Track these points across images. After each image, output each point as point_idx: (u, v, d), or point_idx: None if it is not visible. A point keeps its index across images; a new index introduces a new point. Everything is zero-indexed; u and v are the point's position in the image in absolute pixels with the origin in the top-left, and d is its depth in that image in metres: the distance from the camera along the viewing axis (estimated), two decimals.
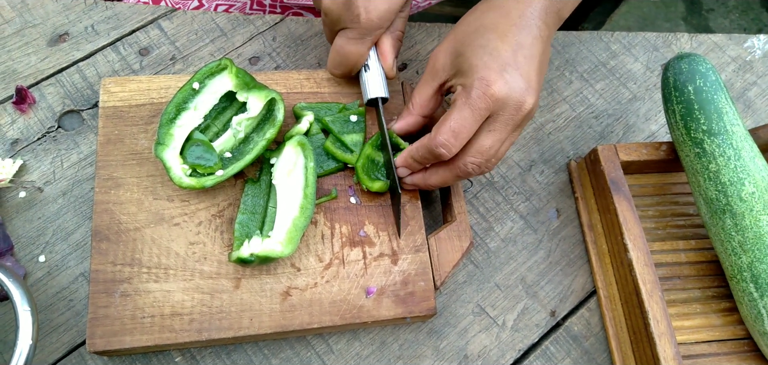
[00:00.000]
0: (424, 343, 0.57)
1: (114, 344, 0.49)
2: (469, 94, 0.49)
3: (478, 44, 0.50)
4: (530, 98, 0.49)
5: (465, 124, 0.49)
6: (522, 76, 0.49)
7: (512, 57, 0.49)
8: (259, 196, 0.55)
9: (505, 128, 0.50)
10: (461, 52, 0.51)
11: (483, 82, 0.48)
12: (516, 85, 0.49)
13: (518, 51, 0.50)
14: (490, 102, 0.48)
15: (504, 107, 0.49)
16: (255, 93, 0.55)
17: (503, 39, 0.50)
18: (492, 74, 0.48)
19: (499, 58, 0.49)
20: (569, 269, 0.63)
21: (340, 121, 0.58)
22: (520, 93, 0.49)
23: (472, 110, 0.49)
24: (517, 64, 0.49)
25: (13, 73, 0.63)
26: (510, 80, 0.48)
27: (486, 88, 0.48)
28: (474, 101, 0.49)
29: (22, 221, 0.57)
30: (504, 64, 0.49)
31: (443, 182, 0.55)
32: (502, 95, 0.48)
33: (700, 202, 0.58)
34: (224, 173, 0.53)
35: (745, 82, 0.76)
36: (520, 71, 0.49)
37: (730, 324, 0.59)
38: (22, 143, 0.60)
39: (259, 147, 0.55)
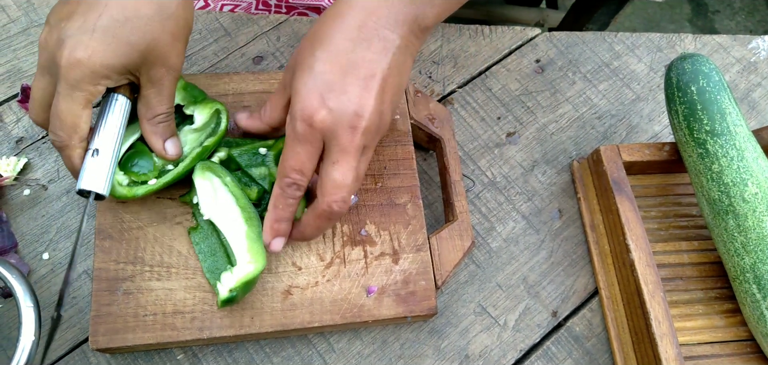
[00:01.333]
0: (425, 343, 0.57)
1: (116, 341, 0.49)
2: (294, 126, 0.45)
3: (306, 64, 0.46)
4: (363, 120, 0.45)
5: (301, 158, 0.46)
6: (350, 99, 0.44)
7: (339, 80, 0.45)
8: (208, 237, 0.53)
9: (347, 155, 0.45)
10: (294, 70, 0.47)
11: (304, 112, 0.44)
12: (342, 109, 0.44)
13: (349, 72, 0.45)
14: (317, 133, 0.45)
15: (335, 135, 0.45)
16: (201, 106, 0.55)
17: (332, 59, 0.45)
18: (313, 102, 0.44)
19: (322, 82, 0.45)
20: (571, 270, 0.62)
21: (249, 154, 0.56)
22: (350, 117, 0.44)
23: (301, 142, 0.45)
24: (345, 87, 0.44)
25: (19, 71, 0.63)
26: (334, 107, 0.44)
27: (308, 119, 0.44)
28: (299, 134, 0.45)
29: (27, 219, 0.57)
30: (328, 88, 0.44)
31: (319, 230, 0.51)
32: (326, 124, 0.44)
33: (702, 203, 0.58)
34: (157, 182, 0.52)
35: (750, 83, 0.76)
36: (348, 94, 0.44)
37: (732, 326, 0.59)
38: (26, 141, 0.60)
39: (192, 156, 0.53)
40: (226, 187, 0.52)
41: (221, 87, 0.60)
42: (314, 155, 0.46)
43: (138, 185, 0.51)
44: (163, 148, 0.51)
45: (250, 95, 0.60)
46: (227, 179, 0.53)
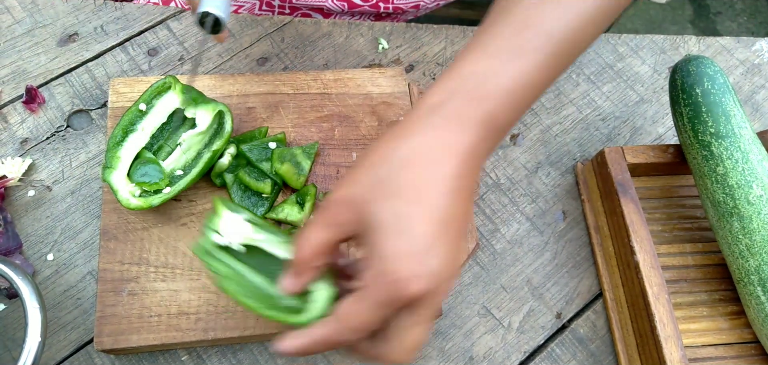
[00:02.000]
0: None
1: (121, 342, 0.49)
2: (379, 295, 0.38)
3: (390, 222, 0.38)
4: (450, 283, 0.40)
5: (369, 322, 0.39)
6: (448, 261, 0.38)
7: (437, 238, 0.38)
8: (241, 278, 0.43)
9: (432, 314, 0.40)
10: (367, 220, 0.38)
11: (398, 285, 0.37)
12: (440, 275, 0.38)
13: (445, 227, 0.38)
14: (404, 302, 0.38)
15: (424, 302, 0.38)
16: (203, 108, 0.54)
17: (428, 216, 0.38)
18: (410, 272, 0.37)
19: (421, 246, 0.37)
20: (575, 272, 0.62)
21: (259, 148, 0.56)
22: (446, 282, 0.39)
23: (377, 308, 0.38)
24: (444, 246, 0.38)
25: (23, 72, 0.63)
26: (432, 275, 0.37)
27: (401, 292, 0.37)
28: (381, 300, 0.38)
29: (31, 220, 0.57)
30: (428, 250, 0.37)
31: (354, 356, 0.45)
32: (421, 293, 0.37)
33: (707, 205, 0.58)
34: (171, 190, 0.52)
35: (754, 85, 0.76)
36: (447, 254, 0.38)
37: (737, 328, 0.59)
38: (31, 142, 0.60)
39: (204, 161, 0.54)
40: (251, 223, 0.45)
41: (226, 88, 0.60)
42: (386, 319, 0.39)
43: (151, 194, 0.51)
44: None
45: (254, 96, 0.60)
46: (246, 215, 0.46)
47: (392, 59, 0.70)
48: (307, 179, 0.56)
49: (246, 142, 0.57)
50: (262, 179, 0.55)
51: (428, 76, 0.70)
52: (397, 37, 0.72)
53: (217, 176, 0.55)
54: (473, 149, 0.40)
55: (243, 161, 0.56)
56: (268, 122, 0.59)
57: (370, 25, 0.72)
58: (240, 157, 0.56)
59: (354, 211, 0.39)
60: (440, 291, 0.39)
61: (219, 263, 0.43)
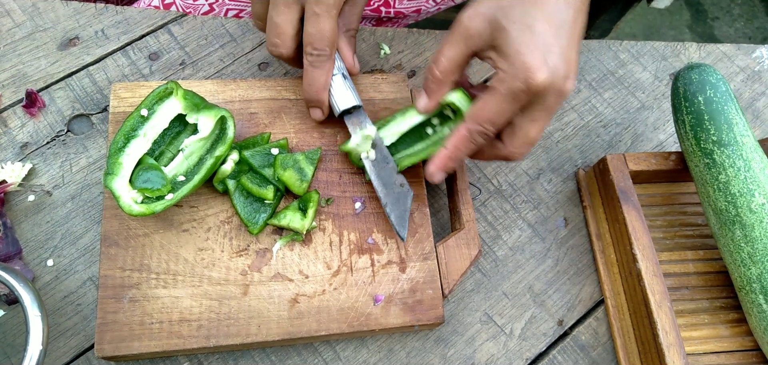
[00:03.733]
0: (431, 351, 0.57)
1: (122, 349, 0.49)
2: (512, 84, 0.46)
3: (522, 22, 0.46)
4: (570, 82, 0.47)
5: (505, 112, 0.48)
6: (564, 61, 0.46)
7: (555, 39, 0.46)
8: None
9: (547, 115, 0.49)
10: (502, 25, 0.46)
11: (528, 72, 0.45)
12: (559, 72, 0.46)
13: (561, 31, 0.46)
14: (532, 93, 0.46)
15: (546, 95, 0.47)
16: (205, 113, 0.54)
17: (547, 18, 0.46)
18: (536, 61, 0.45)
19: (543, 42, 0.46)
20: (577, 279, 0.62)
21: (261, 154, 0.56)
22: (562, 80, 0.46)
23: (514, 100, 0.47)
24: (560, 47, 0.46)
25: (24, 77, 0.63)
26: (553, 68, 0.45)
27: (530, 80, 0.45)
28: (517, 93, 0.46)
29: (31, 225, 0.57)
30: (548, 47, 0.46)
31: (478, 158, 0.55)
32: (546, 84, 0.46)
33: (709, 212, 0.58)
34: (174, 196, 0.52)
35: (754, 92, 0.76)
36: (563, 55, 0.46)
37: (738, 336, 0.59)
38: (31, 147, 0.60)
39: (206, 167, 0.53)
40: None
41: (228, 94, 0.59)
42: (517, 110, 0.48)
43: (153, 200, 0.51)
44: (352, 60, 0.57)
45: (256, 101, 0.60)
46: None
47: (394, 65, 0.70)
48: (309, 185, 0.56)
49: (248, 148, 0.56)
50: (265, 185, 0.55)
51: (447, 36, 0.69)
52: (398, 43, 0.72)
53: (219, 182, 0.55)
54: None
55: (245, 167, 0.56)
56: (270, 128, 0.59)
57: (372, 30, 0.72)
58: (242, 163, 0.56)
59: (486, 20, 0.47)
60: (558, 89, 0.46)
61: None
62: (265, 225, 0.55)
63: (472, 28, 0.48)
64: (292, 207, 0.55)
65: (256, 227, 0.54)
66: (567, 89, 0.47)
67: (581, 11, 0.48)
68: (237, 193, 0.55)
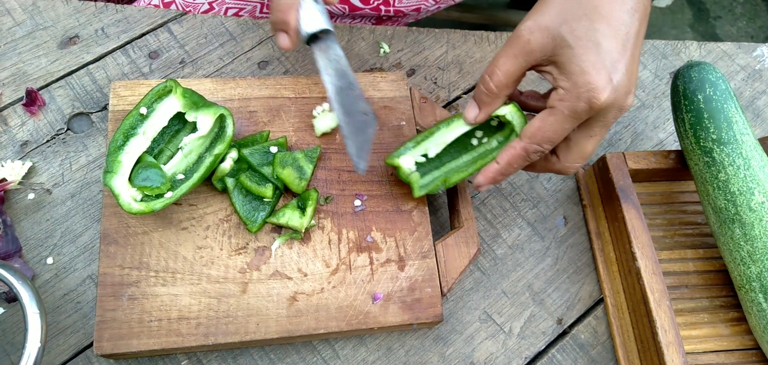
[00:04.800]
0: (430, 350, 0.57)
1: (121, 347, 0.49)
2: (575, 105, 0.45)
3: (588, 38, 0.44)
4: (631, 97, 0.46)
5: (564, 130, 0.46)
6: (628, 77, 0.45)
7: (621, 54, 0.44)
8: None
9: (605, 130, 0.48)
10: (568, 42, 0.44)
11: (593, 94, 0.44)
12: (621, 89, 0.45)
13: (627, 45, 0.45)
14: (595, 111, 0.45)
15: (607, 112, 0.46)
16: (204, 112, 0.54)
17: (613, 33, 0.44)
18: (601, 81, 0.44)
19: (608, 59, 0.44)
20: (576, 277, 0.62)
21: (260, 152, 0.56)
22: (623, 96, 0.45)
23: (575, 119, 0.46)
24: (625, 62, 0.45)
25: (24, 75, 0.63)
26: (617, 86, 0.44)
27: (594, 101, 0.44)
28: (578, 112, 0.45)
29: (31, 223, 0.57)
30: (613, 65, 0.44)
31: (528, 170, 0.54)
32: (609, 103, 0.45)
33: (708, 211, 0.58)
34: (173, 194, 0.52)
35: (755, 91, 0.76)
36: (627, 71, 0.45)
37: (738, 334, 0.59)
38: (31, 145, 0.60)
39: (205, 165, 0.53)
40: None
41: (228, 92, 0.59)
42: (575, 126, 0.47)
43: (152, 198, 0.51)
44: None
45: (256, 100, 0.60)
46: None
47: (393, 63, 0.70)
48: (308, 184, 0.56)
49: (247, 146, 0.56)
50: (264, 184, 0.55)
51: (429, 80, 0.70)
52: (398, 41, 0.72)
53: (218, 180, 0.55)
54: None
55: (244, 165, 0.56)
56: (269, 126, 0.59)
57: (371, 29, 0.72)
58: (241, 161, 0.56)
59: (548, 35, 0.45)
60: (619, 105, 0.45)
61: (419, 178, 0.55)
62: (264, 223, 0.55)
63: (533, 42, 0.46)
64: (291, 205, 0.55)
65: (255, 226, 0.54)
66: (627, 105, 0.46)
67: (645, 17, 0.47)
68: (236, 191, 0.55)
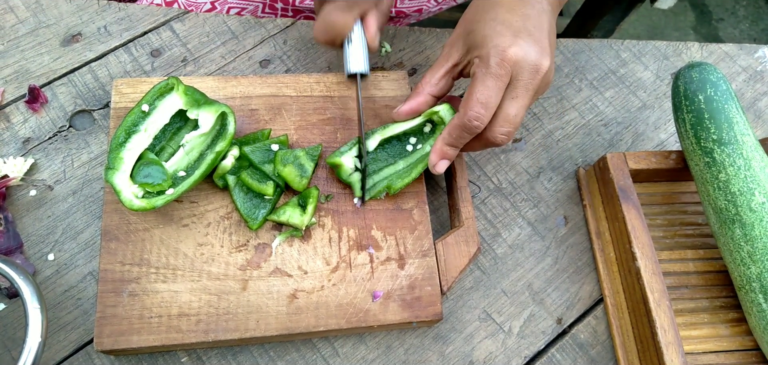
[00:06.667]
0: (429, 348, 0.57)
1: (121, 343, 0.49)
2: (488, 63, 0.50)
3: (488, 17, 0.52)
4: (545, 60, 0.50)
5: (490, 93, 0.50)
6: (534, 41, 0.50)
7: (522, 25, 0.51)
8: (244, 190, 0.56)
9: (527, 93, 0.51)
10: (472, 28, 0.53)
11: (498, 48, 0.49)
12: (530, 49, 0.50)
13: (527, 20, 0.51)
14: (508, 67, 0.50)
15: (522, 70, 0.50)
16: (205, 109, 0.54)
17: (511, 11, 0.52)
18: (506, 40, 0.50)
19: (510, 26, 0.50)
20: (576, 277, 0.62)
21: (261, 150, 0.56)
22: (536, 56, 0.50)
23: (494, 77, 0.50)
24: (528, 30, 0.50)
25: (26, 72, 0.63)
26: (523, 45, 0.50)
27: (502, 54, 0.49)
28: (493, 69, 0.50)
29: (32, 220, 0.57)
30: (516, 30, 0.50)
31: (465, 148, 0.56)
32: (518, 58, 0.49)
33: (709, 211, 0.58)
34: (174, 191, 0.52)
35: (756, 92, 0.76)
36: (532, 37, 0.50)
37: (738, 335, 0.59)
38: (33, 142, 0.60)
39: (207, 162, 0.54)
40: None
41: (229, 90, 0.60)
42: (501, 90, 0.50)
43: (154, 195, 0.51)
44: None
45: (257, 98, 0.60)
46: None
47: (395, 63, 0.70)
48: (309, 182, 0.56)
49: (248, 144, 0.57)
50: (265, 181, 0.55)
51: None
52: (400, 41, 0.72)
53: (219, 177, 0.55)
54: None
55: (245, 163, 0.56)
56: (270, 124, 0.59)
57: None
58: (242, 159, 0.56)
59: (458, 36, 0.54)
60: (532, 63, 0.50)
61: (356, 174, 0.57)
62: (265, 221, 0.55)
63: (451, 49, 0.55)
64: (291, 203, 0.55)
65: (256, 223, 0.54)
66: (543, 66, 0.50)
67: (546, 13, 0.53)
68: (237, 189, 0.55)
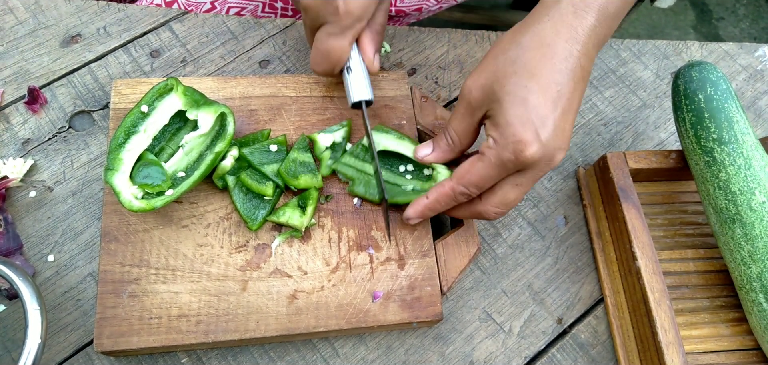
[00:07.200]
0: (430, 348, 0.57)
1: (121, 344, 0.49)
2: (501, 154, 0.46)
3: (517, 94, 0.45)
4: (561, 154, 0.47)
5: (491, 179, 0.48)
6: (557, 134, 0.46)
7: (551, 111, 0.45)
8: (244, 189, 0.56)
9: (531, 182, 0.49)
10: (497, 95, 0.47)
11: (518, 146, 0.45)
12: (550, 144, 0.45)
13: (558, 103, 0.45)
14: (522, 165, 0.46)
15: (534, 167, 0.47)
16: (205, 110, 0.54)
17: (543, 90, 0.45)
18: (528, 136, 0.45)
19: (536, 115, 0.45)
20: (576, 277, 0.62)
21: (260, 151, 0.56)
22: (551, 151, 0.46)
23: (502, 169, 0.47)
24: (555, 119, 0.45)
25: (26, 73, 0.63)
26: (545, 142, 0.45)
27: (520, 153, 0.45)
28: (505, 163, 0.46)
29: (32, 221, 0.57)
30: (542, 121, 0.45)
31: (453, 214, 0.55)
32: (536, 159, 0.46)
33: (709, 211, 0.58)
34: (174, 192, 0.52)
35: (756, 91, 0.75)
36: (557, 128, 0.45)
37: (738, 335, 0.59)
38: (33, 143, 0.60)
39: (206, 163, 0.54)
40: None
41: (229, 91, 0.60)
42: (501, 178, 0.48)
43: (153, 196, 0.51)
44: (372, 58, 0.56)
45: (257, 98, 0.60)
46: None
47: (395, 63, 0.70)
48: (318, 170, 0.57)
49: (248, 144, 0.57)
50: (264, 182, 0.55)
51: (431, 80, 0.70)
52: (399, 41, 0.72)
53: (219, 178, 0.55)
54: (588, 31, 0.47)
55: (245, 164, 0.56)
56: (270, 125, 0.59)
57: None
58: (242, 159, 0.56)
59: (482, 91, 0.48)
60: (547, 161, 0.46)
61: (347, 167, 0.57)
62: (265, 222, 0.55)
63: (472, 99, 0.49)
64: (291, 204, 0.55)
65: (256, 224, 0.54)
66: (556, 161, 0.47)
67: (582, 80, 0.47)
68: (236, 189, 0.55)
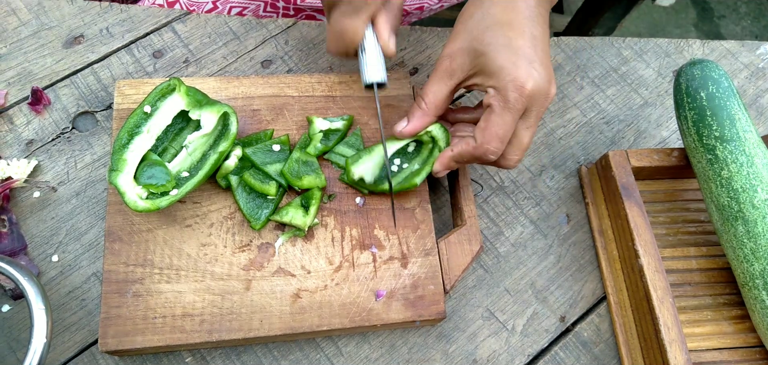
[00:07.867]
0: (433, 347, 0.57)
1: (125, 344, 0.49)
2: (506, 97, 0.50)
3: (499, 43, 0.50)
4: (553, 86, 0.52)
5: (508, 127, 0.51)
6: (545, 69, 0.51)
7: (532, 51, 0.50)
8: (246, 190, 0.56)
9: (538, 120, 0.52)
10: (482, 51, 0.51)
11: (517, 83, 0.49)
12: (542, 78, 0.50)
13: (535, 44, 0.51)
14: (526, 101, 0.50)
15: (536, 101, 0.51)
16: (207, 110, 0.55)
17: (521, 35, 0.51)
18: (522, 73, 0.49)
19: (523, 54, 0.50)
20: (579, 275, 0.62)
21: (263, 151, 0.57)
22: (547, 85, 0.51)
23: (512, 112, 0.50)
24: (539, 58, 0.50)
25: (29, 74, 0.63)
26: (537, 76, 0.50)
27: (521, 90, 0.49)
28: (513, 104, 0.50)
29: (36, 221, 0.57)
30: (529, 59, 0.50)
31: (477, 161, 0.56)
32: (535, 91, 0.50)
33: (711, 208, 0.58)
34: (178, 192, 0.52)
35: (758, 88, 0.76)
36: (543, 65, 0.51)
37: (741, 332, 0.59)
38: (36, 144, 0.60)
39: (210, 162, 0.54)
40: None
41: (231, 91, 0.60)
42: (516, 123, 0.51)
43: (158, 196, 0.51)
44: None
45: (259, 98, 0.60)
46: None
47: (396, 62, 0.70)
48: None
49: (250, 144, 0.57)
50: (267, 181, 0.55)
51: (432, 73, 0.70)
52: (401, 40, 0.72)
53: (222, 178, 0.55)
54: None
55: (248, 163, 0.56)
56: (272, 124, 0.59)
57: None
58: (245, 159, 0.56)
59: (465, 53, 0.52)
60: (545, 93, 0.51)
61: (340, 157, 0.58)
62: (268, 221, 0.55)
63: (454, 63, 0.53)
64: (294, 203, 0.55)
65: (259, 223, 0.54)
66: (552, 94, 0.52)
67: (544, 26, 0.53)
68: (240, 189, 0.55)
